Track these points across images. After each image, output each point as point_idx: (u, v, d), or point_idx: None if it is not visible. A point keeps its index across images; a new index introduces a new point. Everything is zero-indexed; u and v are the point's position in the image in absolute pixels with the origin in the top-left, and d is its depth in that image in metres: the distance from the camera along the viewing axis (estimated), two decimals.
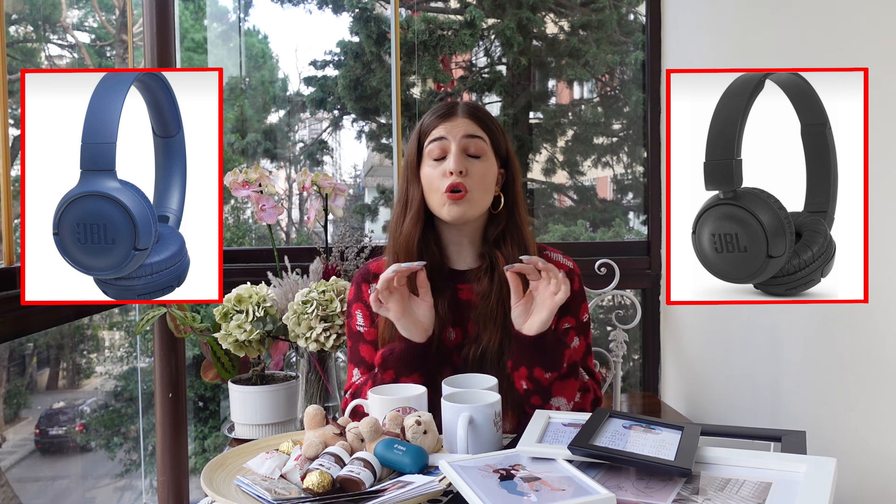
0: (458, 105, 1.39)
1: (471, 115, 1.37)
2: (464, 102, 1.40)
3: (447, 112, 1.37)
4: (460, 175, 1.31)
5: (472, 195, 1.33)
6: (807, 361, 1.65)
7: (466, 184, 1.32)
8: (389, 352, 1.32)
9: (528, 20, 3.76)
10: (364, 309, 1.43)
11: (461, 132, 1.34)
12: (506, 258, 1.35)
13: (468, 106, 1.39)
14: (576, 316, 1.41)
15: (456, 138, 1.34)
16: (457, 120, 1.36)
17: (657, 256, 2.50)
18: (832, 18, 1.54)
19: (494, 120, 1.41)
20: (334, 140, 4.38)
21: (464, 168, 1.32)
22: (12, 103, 1.65)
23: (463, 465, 0.97)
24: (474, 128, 1.36)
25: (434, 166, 1.35)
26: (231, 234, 4.18)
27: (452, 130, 1.35)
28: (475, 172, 1.33)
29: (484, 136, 1.36)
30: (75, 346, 5.08)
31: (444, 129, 1.35)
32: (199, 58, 4.37)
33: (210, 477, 1.03)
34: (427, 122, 1.38)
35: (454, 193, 1.31)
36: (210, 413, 4.44)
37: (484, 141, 1.36)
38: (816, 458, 0.94)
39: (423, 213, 1.37)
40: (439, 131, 1.35)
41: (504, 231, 1.38)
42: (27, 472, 4.79)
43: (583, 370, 1.40)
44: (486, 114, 1.40)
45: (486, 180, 1.35)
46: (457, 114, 1.37)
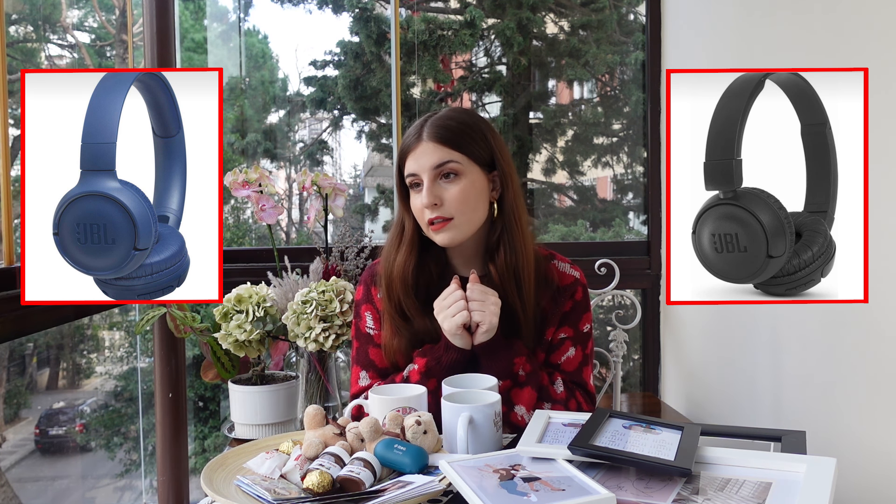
0: (424, 127, 1.34)
1: (437, 137, 1.32)
2: (430, 122, 1.34)
3: (413, 139, 1.34)
4: (434, 207, 1.31)
5: (455, 220, 1.32)
6: (807, 361, 1.65)
7: (444, 213, 1.31)
8: (435, 362, 1.32)
9: (528, 20, 3.76)
10: (374, 311, 1.43)
11: (428, 164, 1.31)
12: (497, 269, 1.35)
13: (434, 127, 1.33)
14: (574, 326, 1.40)
15: (425, 170, 1.31)
16: (423, 147, 1.32)
17: (657, 256, 2.50)
18: (832, 18, 1.54)
19: (467, 128, 1.35)
20: (334, 140, 4.38)
21: (437, 199, 1.31)
22: (12, 103, 1.65)
23: (463, 465, 0.97)
24: (442, 152, 1.31)
25: (415, 196, 1.35)
26: (231, 234, 4.18)
27: (420, 161, 1.32)
28: (451, 198, 1.31)
29: (454, 157, 1.31)
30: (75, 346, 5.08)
31: (414, 161, 1.33)
32: (199, 58, 4.37)
33: (210, 477, 1.03)
34: (402, 149, 1.37)
35: (436, 224, 1.32)
36: (210, 413, 4.44)
37: (455, 161, 1.31)
38: (816, 458, 0.94)
39: (416, 242, 1.38)
40: (410, 166, 1.34)
41: (498, 239, 1.36)
42: (27, 472, 4.79)
43: (574, 384, 1.39)
44: (456, 127, 1.34)
45: (467, 200, 1.32)
46: (422, 139, 1.33)
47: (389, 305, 1.39)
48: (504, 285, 1.33)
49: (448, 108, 1.41)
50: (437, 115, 1.36)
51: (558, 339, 1.39)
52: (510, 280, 1.34)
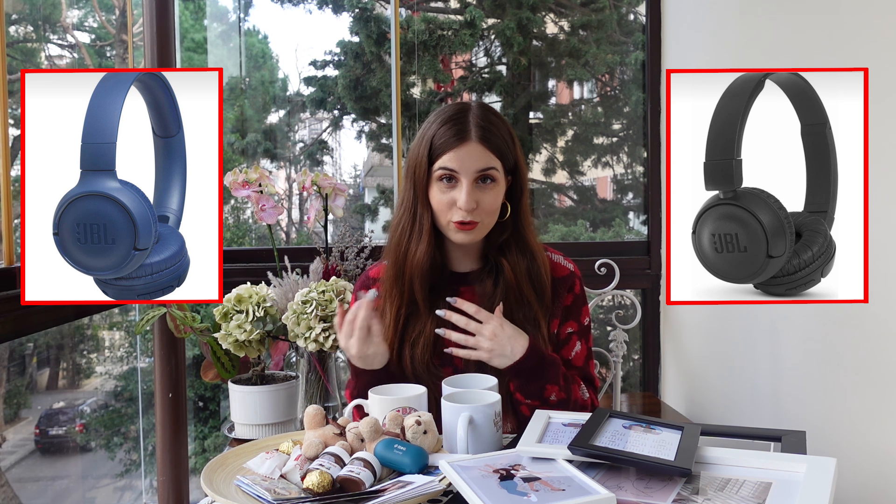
0: (469, 123, 1.29)
1: (484, 139, 1.28)
2: (476, 119, 1.30)
3: (459, 135, 1.28)
4: (471, 211, 1.28)
5: (481, 224, 1.31)
6: (807, 361, 1.65)
7: (476, 217, 1.29)
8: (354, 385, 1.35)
9: (528, 20, 3.76)
10: None
11: (474, 167, 1.27)
12: (511, 266, 1.34)
13: (480, 129, 1.29)
14: (577, 320, 1.41)
15: (469, 172, 1.28)
16: (469, 147, 1.28)
17: (657, 256, 2.50)
18: (832, 18, 1.54)
19: (505, 130, 1.33)
20: (334, 140, 4.38)
21: (475, 202, 1.28)
22: (12, 103, 1.65)
23: (463, 465, 0.97)
24: (488, 157, 1.28)
25: (443, 191, 1.29)
26: (231, 234, 4.18)
27: (465, 164, 1.27)
28: (486, 203, 1.29)
29: (496, 165, 1.29)
30: (75, 346, 5.08)
31: (457, 159, 1.27)
32: (199, 58, 4.37)
33: (210, 477, 1.03)
34: (438, 142, 1.29)
35: (464, 226, 1.29)
36: (210, 413, 4.43)
37: (496, 169, 1.30)
38: (816, 458, 0.94)
39: (433, 236, 1.33)
40: (451, 161, 1.28)
41: (510, 238, 1.36)
42: (27, 472, 4.79)
43: (582, 381, 1.40)
44: (498, 128, 1.32)
45: (495, 206, 1.31)
46: (470, 138, 1.28)
47: (398, 300, 1.36)
48: (520, 284, 1.34)
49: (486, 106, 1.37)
50: (482, 114, 1.32)
51: (566, 333, 1.40)
52: (525, 279, 1.35)
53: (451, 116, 1.31)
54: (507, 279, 1.34)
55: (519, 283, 1.34)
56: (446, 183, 1.29)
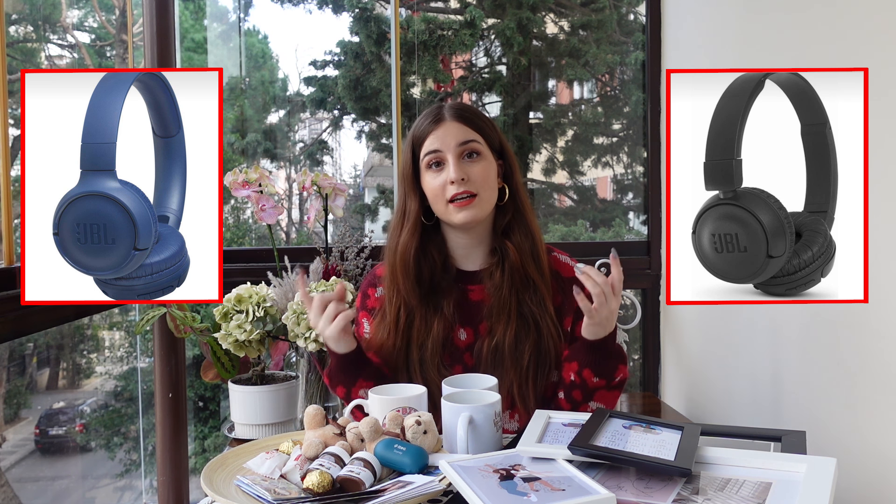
0: (444, 108, 1.39)
1: (459, 117, 1.37)
2: (449, 105, 1.40)
3: (436, 118, 1.37)
4: (463, 182, 1.32)
5: (479, 196, 1.34)
6: (807, 361, 1.65)
7: (471, 188, 1.33)
8: (328, 371, 1.37)
9: (528, 20, 3.76)
10: (370, 317, 1.44)
11: (454, 141, 1.34)
12: (515, 247, 1.37)
13: (455, 109, 1.38)
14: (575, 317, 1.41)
15: (450, 147, 1.34)
16: (447, 126, 1.36)
17: (657, 256, 2.50)
18: (832, 18, 1.54)
19: (482, 116, 1.41)
20: (334, 140, 4.38)
21: (464, 174, 1.33)
22: (12, 103, 1.64)
23: (463, 465, 0.97)
24: (465, 131, 1.36)
25: (434, 175, 1.35)
26: (231, 234, 4.18)
27: (445, 139, 1.35)
28: (476, 174, 1.34)
29: (477, 137, 1.36)
30: (75, 346, 5.08)
31: (437, 138, 1.35)
32: (199, 58, 4.37)
33: (210, 477, 1.03)
34: (418, 132, 1.38)
35: (461, 200, 1.32)
36: (210, 413, 4.44)
37: (477, 141, 1.36)
38: (816, 458, 0.94)
39: (419, 224, 1.38)
40: (432, 142, 1.35)
41: (511, 221, 1.39)
42: (27, 472, 4.79)
43: None
44: (474, 112, 1.41)
45: (489, 178, 1.36)
46: (445, 118, 1.36)
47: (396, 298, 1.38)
48: (524, 265, 1.36)
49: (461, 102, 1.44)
50: (457, 104, 1.40)
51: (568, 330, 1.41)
52: (529, 259, 1.37)
53: (428, 111, 1.40)
54: (512, 262, 1.36)
55: (524, 264, 1.36)
56: (435, 168, 1.36)
